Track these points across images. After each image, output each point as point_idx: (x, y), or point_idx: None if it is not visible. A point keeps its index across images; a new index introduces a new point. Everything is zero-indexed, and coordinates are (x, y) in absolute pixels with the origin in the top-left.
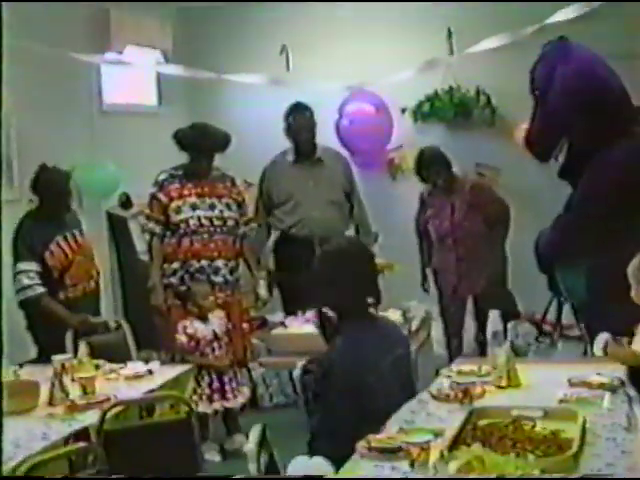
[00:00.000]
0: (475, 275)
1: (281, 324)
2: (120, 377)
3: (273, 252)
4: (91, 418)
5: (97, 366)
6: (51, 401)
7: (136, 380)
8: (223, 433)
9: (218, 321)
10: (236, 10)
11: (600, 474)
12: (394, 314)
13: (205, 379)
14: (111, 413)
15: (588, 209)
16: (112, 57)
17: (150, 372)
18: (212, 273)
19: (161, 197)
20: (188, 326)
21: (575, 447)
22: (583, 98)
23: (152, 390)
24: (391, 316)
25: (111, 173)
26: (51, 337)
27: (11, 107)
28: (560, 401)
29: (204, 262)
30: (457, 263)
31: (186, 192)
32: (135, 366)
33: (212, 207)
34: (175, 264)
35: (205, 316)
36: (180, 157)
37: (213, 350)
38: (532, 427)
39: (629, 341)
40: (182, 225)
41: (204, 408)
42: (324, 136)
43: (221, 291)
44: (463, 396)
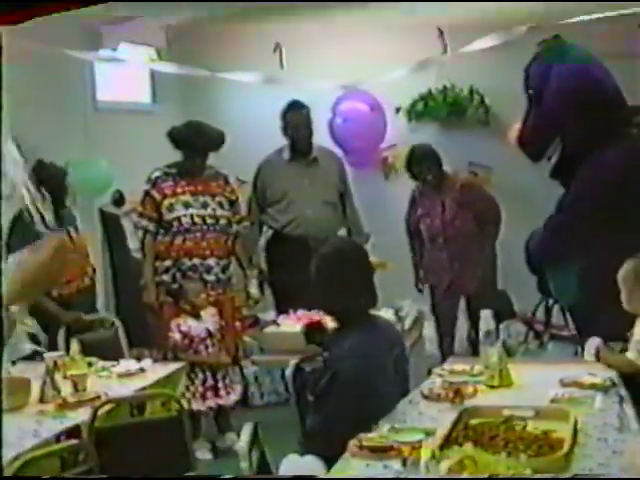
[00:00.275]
0: (468, 274)
1: (273, 322)
2: (112, 375)
3: (265, 251)
4: (82, 416)
5: (89, 364)
6: (42, 398)
7: (128, 378)
8: (215, 431)
9: (211, 319)
10: (230, 8)
11: (592, 474)
12: (386, 313)
13: (199, 377)
14: (102, 411)
15: (580, 210)
16: (106, 54)
17: (142, 370)
18: (204, 271)
19: (154, 194)
20: (182, 324)
21: (566, 447)
22: (579, 98)
23: (144, 388)
24: (384, 314)
25: (104, 170)
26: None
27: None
28: (552, 401)
29: (196, 260)
30: (449, 262)
31: (179, 190)
32: (127, 364)
33: (205, 205)
34: (167, 262)
35: (198, 314)
36: (174, 155)
37: (206, 348)
38: (524, 427)
39: (622, 348)
40: (175, 223)
41: (197, 406)
42: (318, 134)
43: (213, 289)
44: (455, 395)
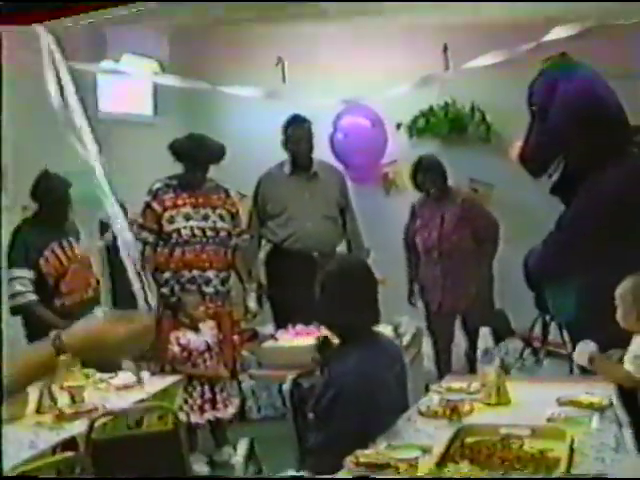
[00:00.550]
0: (460, 291)
1: (271, 337)
2: (110, 387)
3: (265, 265)
4: (79, 427)
5: (87, 375)
6: (39, 409)
7: (125, 390)
8: (211, 445)
9: (210, 332)
10: (233, 21)
11: (592, 475)
12: (385, 329)
13: (197, 389)
14: (99, 423)
15: (580, 228)
16: (108, 66)
17: (139, 382)
18: (203, 283)
19: (155, 206)
20: (180, 337)
21: (563, 467)
22: (583, 116)
23: (141, 400)
24: (382, 331)
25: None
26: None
27: (6, 114)
28: (549, 420)
29: (195, 272)
30: (442, 278)
31: (180, 202)
32: (125, 376)
33: (205, 218)
34: (167, 274)
35: (196, 327)
36: (175, 167)
37: (205, 361)
38: (520, 446)
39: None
40: (174, 235)
41: (196, 418)
42: (319, 149)
43: (212, 302)
44: (451, 413)
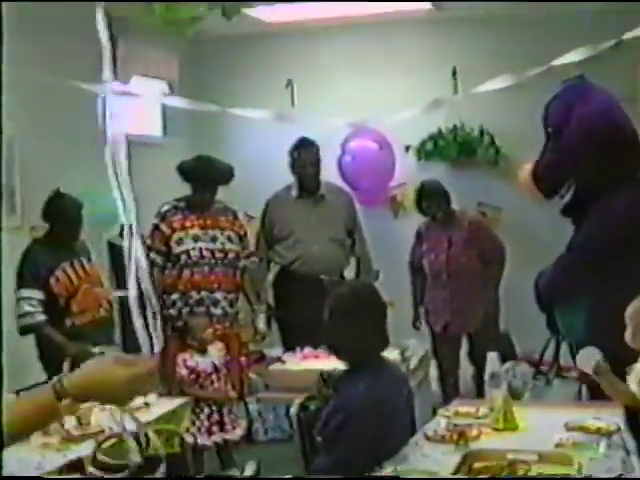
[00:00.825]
0: (467, 314)
1: (279, 359)
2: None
3: (273, 287)
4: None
5: None
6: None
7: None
8: (217, 467)
9: (217, 353)
10: (243, 44)
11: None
12: (392, 353)
13: (205, 411)
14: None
15: (591, 249)
16: (118, 87)
17: (147, 404)
18: (211, 305)
19: (163, 228)
20: (188, 359)
21: None
22: (598, 139)
23: (148, 423)
24: (389, 354)
25: (113, 202)
26: (53, 366)
27: (14, 135)
28: (556, 445)
29: (204, 293)
30: (450, 300)
31: (188, 224)
32: None
33: (214, 239)
34: (174, 295)
35: (204, 349)
36: (183, 188)
37: (212, 383)
38: (527, 471)
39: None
40: (183, 256)
41: (203, 440)
42: (326, 172)
43: (219, 323)
44: (459, 438)
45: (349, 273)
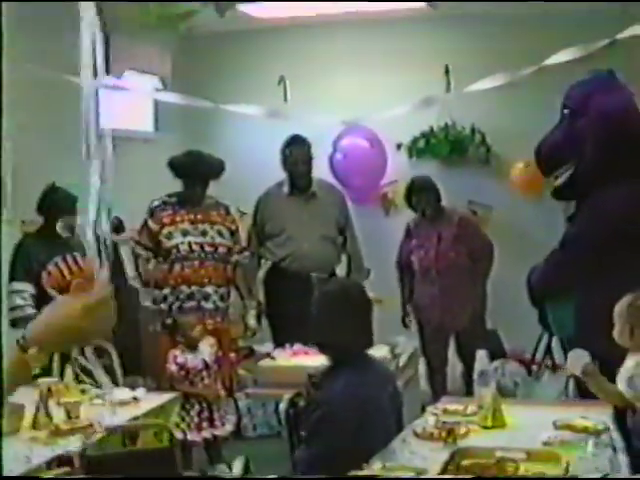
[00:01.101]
0: (456, 310)
1: (268, 355)
2: (105, 403)
3: (263, 283)
4: (74, 443)
5: (83, 391)
6: (35, 425)
7: (121, 406)
8: (206, 463)
9: (209, 350)
10: (236, 40)
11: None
12: (381, 350)
13: (195, 407)
14: (94, 439)
15: (583, 247)
16: (110, 82)
17: (135, 399)
18: (202, 299)
19: (151, 224)
20: (178, 355)
21: None
22: (610, 132)
23: (137, 417)
24: (379, 352)
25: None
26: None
27: (6, 129)
28: (544, 443)
29: (194, 288)
30: (440, 297)
31: (178, 219)
32: (121, 392)
33: (204, 233)
34: (165, 290)
35: (194, 345)
36: (175, 183)
37: (202, 379)
38: (515, 469)
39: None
40: (173, 250)
41: (193, 436)
42: (318, 169)
43: (211, 317)
44: (447, 435)
45: (340, 271)
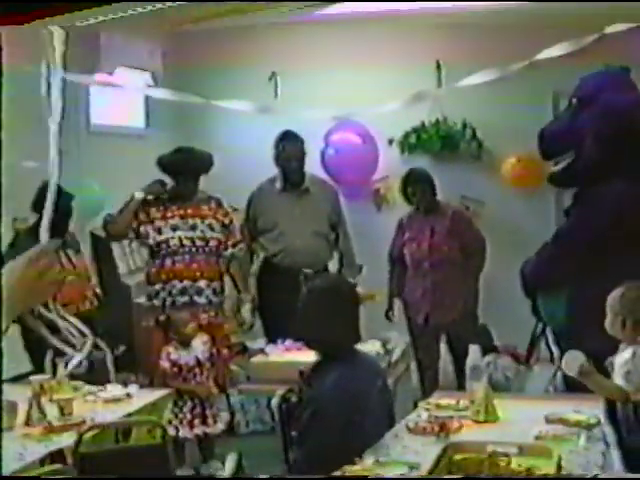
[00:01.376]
0: (447, 303)
1: (261, 351)
2: (98, 399)
3: (257, 278)
4: (67, 440)
5: (75, 387)
6: (28, 421)
7: (114, 403)
8: (198, 459)
9: (202, 347)
10: (227, 36)
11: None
12: (374, 345)
13: (187, 404)
14: (87, 436)
15: (576, 241)
16: (101, 78)
17: (128, 395)
18: (195, 294)
19: (139, 213)
20: (171, 352)
21: None
22: (614, 128)
23: (130, 414)
24: (371, 347)
25: (96, 194)
26: (37, 356)
27: None
28: (536, 437)
29: (186, 282)
30: (431, 290)
31: (169, 214)
32: (114, 389)
33: (194, 228)
34: (158, 285)
35: (188, 342)
36: (166, 179)
37: (195, 376)
38: (507, 463)
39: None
40: (163, 245)
41: (185, 433)
42: (309, 165)
43: (205, 312)
44: (440, 430)
45: (332, 267)
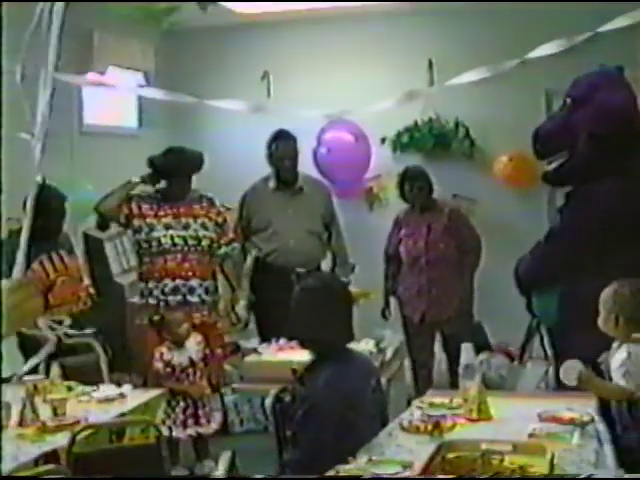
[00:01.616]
0: (443, 301)
1: (254, 351)
2: (92, 400)
3: (250, 277)
4: (61, 440)
5: (69, 388)
6: (22, 422)
7: (108, 403)
8: (193, 458)
9: (195, 347)
10: (219, 35)
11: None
12: (367, 344)
13: (180, 404)
14: (81, 436)
15: (569, 240)
16: (94, 78)
17: (122, 395)
18: (188, 293)
19: (131, 204)
20: (165, 352)
21: None
22: (608, 128)
23: (123, 414)
24: (364, 346)
25: (89, 194)
26: (31, 356)
27: None
28: (530, 435)
29: (179, 281)
30: (427, 287)
31: (162, 213)
32: (107, 389)
33: (186, 227)
34: (151, 283)
35: (181, 343)
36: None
37: (188, 376)
38: (500, 461)
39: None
40: (154, 243)
41: (178, 433)
42: (301, 163)
43: (197, 311)
44: (433, 428)
45: (325, 266)
